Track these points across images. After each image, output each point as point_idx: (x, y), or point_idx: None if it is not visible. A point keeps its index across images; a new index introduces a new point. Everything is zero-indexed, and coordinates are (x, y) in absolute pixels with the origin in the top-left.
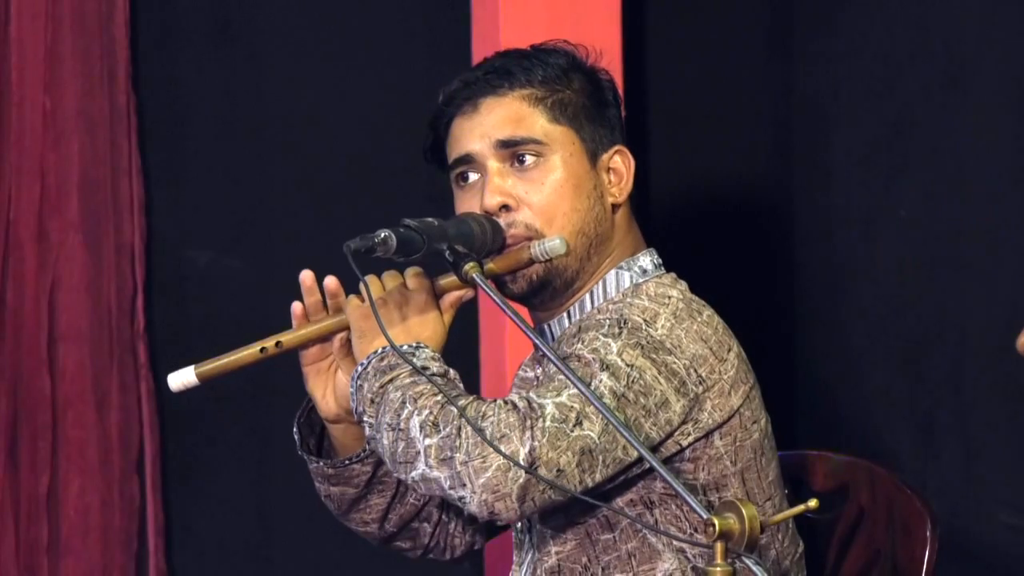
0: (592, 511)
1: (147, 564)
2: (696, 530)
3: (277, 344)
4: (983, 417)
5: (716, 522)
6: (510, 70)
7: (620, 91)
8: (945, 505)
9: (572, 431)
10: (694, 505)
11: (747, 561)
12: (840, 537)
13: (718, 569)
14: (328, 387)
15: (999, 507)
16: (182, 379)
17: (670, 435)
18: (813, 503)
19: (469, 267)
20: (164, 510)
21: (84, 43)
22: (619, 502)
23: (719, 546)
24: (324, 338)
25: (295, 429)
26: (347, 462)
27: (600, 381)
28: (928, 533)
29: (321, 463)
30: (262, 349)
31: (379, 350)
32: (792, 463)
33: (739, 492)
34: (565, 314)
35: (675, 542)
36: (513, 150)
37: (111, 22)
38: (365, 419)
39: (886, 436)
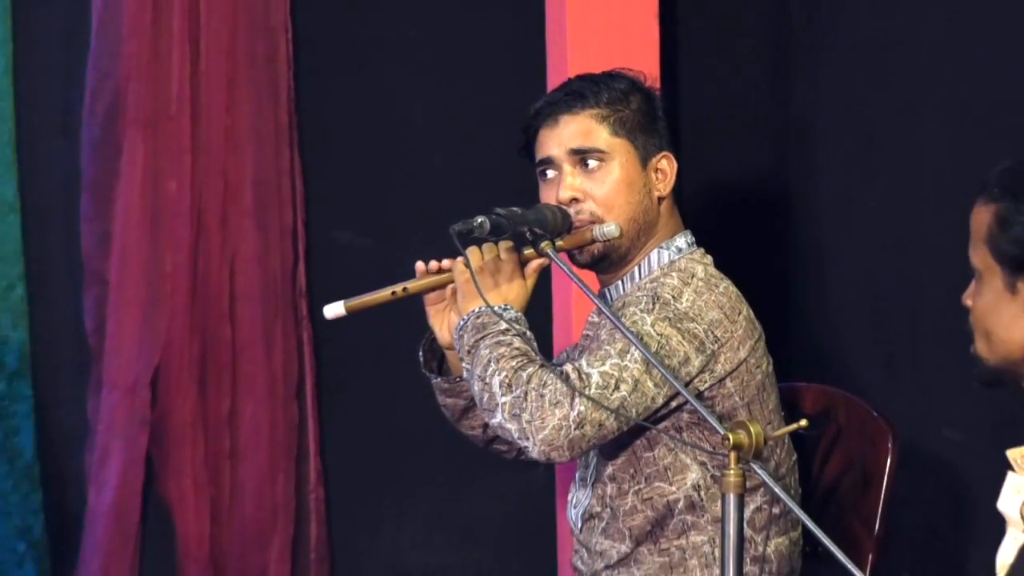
0: (637, 435)
1: (306, 465)
2: (714, 448)
3: (404, 289)
4: (932, 356)
5: (731, 436)
6: (583, 93)
7: None
8: (903, 424)
9: (612, 395)
10: (714, 423)
11: (754, 466)
12: (823, 449)
13: (732, 472)
14: (444, 323)
15: (943, 425)
16: (335, 310)
17: (690, 383)
18: (804, 423)
19: (544, 245)
20: (319, 425)
21: (255, 75)
22: (655, 428)
23: (733, 455)
24: (438, 287)
25: (420, 353)
26: (458, 379)
27: (635, 348)
28: (890, 446)
29: (439, 379)
30: (393, 292)
31: (476, 309)
32: (787, 393)
33: (746, 419)
34: (620, 281)
35: (699, 457)
36: (582, 156)
37: (276, 60)
38: (463, 364)
39: (859, 371)
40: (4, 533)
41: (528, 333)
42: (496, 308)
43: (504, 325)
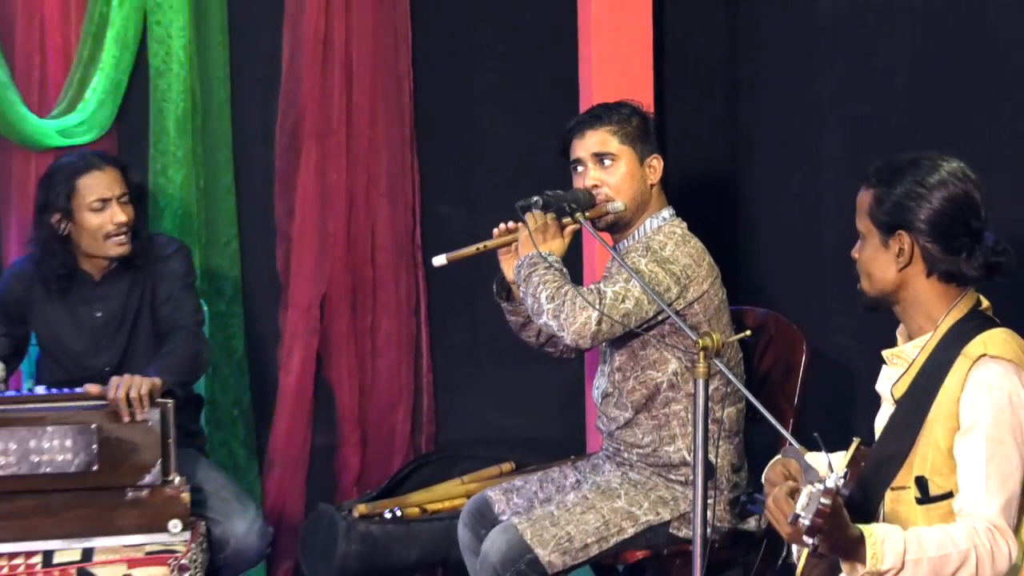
0: (634, 338)
1: (421, 360)
2: (687, 349)
3: (485, 245)
4: (833, 290)
5: (700, 341)
6: (601, 115)
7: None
8: (814, 334)
9: (620, 305)
10: (688, 332)
11: (716, 361)
12: (760, 350)
13: (701, 365)
14: (510, 266)
15: (838, 333)
16: (439, 260)
17: (671, 304)
18: (748, 333)
19: (578, 215)
20: (429, 334)
21: (388, 105)
22: (648, 334)
23: (702, 353)
24: (508, 244)
25: (494, 286)
26: (519, 304)
27: (634, 279)
28: (805, 348)
29: (506, 303)
30: (478, 248)
31: (530, 254)
32: (737, 313)
33: (709, 330)
34: (626, 240)
35: (676, 354)
36: (600, 157)
37: (402, 94)
38: (520, 288)
39: (784, 299)
40: (225, 403)
41: (564, 270)
42: (543, 253)
43: (548, 264)
